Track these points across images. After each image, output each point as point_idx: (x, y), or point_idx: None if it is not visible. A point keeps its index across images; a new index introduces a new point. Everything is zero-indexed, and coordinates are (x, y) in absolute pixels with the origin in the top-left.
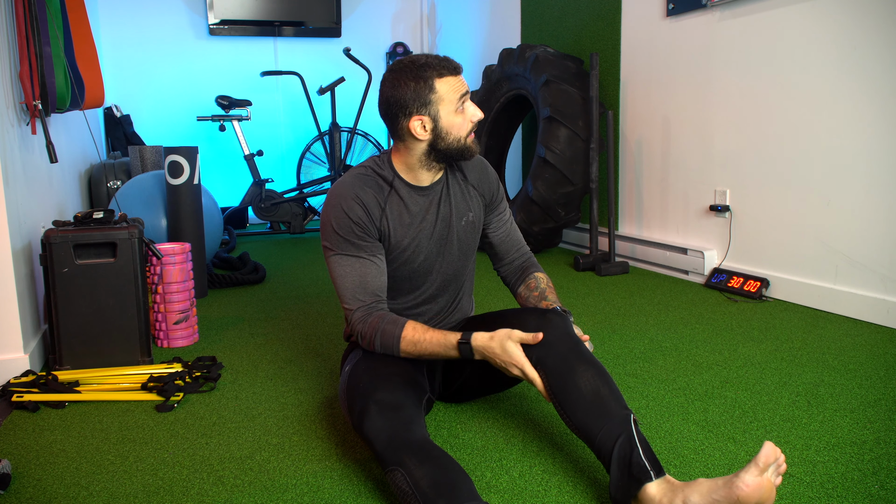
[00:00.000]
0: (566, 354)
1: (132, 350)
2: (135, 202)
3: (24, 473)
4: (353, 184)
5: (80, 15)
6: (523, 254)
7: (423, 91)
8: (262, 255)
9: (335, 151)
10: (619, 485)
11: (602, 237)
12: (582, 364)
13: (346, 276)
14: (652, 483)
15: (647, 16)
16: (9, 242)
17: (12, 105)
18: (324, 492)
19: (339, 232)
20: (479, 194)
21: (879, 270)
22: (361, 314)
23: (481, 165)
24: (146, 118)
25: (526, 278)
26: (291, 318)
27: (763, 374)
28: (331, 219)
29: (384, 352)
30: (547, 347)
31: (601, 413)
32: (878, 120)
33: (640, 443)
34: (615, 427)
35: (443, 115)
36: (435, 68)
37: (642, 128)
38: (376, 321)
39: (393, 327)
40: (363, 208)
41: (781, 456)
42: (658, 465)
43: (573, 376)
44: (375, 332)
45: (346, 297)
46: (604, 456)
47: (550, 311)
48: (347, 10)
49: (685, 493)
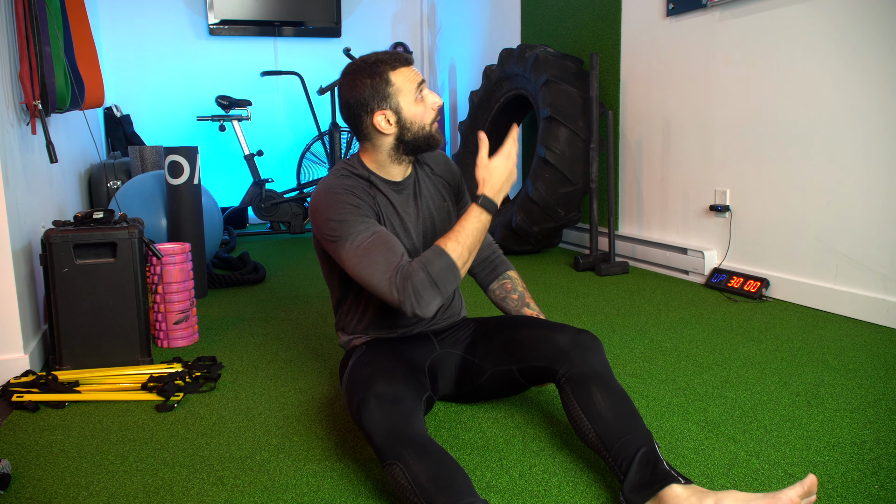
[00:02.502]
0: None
1: (132, 350)
2: (135, 202)
3: (24, 473)
4: (337, 181)
5: (80, 15)
6: (492, 249)
7: (380, 86)
8: (262, 255)
9: (335, 151)
10: (638, 484)
11: (602, 237)
12: (607, 385)
13: (368, 252)
14: (678, 485)
15: (647, 16)
16: (9, 242)
17: (12, 105)
18: (324, 492)
19: (343, 217)
20: (447, 183)
21: (879, 270)
22: (401, 276)
23: (444, 158)
24: (146, 118)
25: (499, 276)
26: (291, 318)
27: (763, 374)
28: (327, 215)
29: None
30: (577, 364)
31: (624, 425)
32: (879, 120)
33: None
34: (640, 438)
35: (404, 106)
36: (387, 62)
37: (642, 128)
38: (419, 269)
39: (429, 252)
40: (356, 195)
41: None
42: (686, 477)
43: (596, 390)
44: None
45: (378, 275)
46: (622, 460)
47: (585, 333)
48: (347, 10)
49: (718, 497)
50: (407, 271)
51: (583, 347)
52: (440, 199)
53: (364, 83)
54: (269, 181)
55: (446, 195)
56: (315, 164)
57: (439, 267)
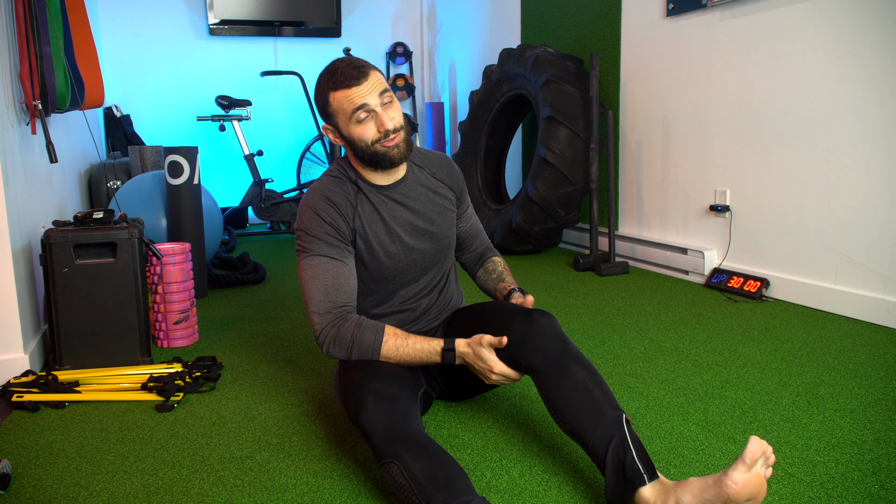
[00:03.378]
0: (556, 356)
1: (132, 350)
2: (135, 202)
3: (24, 473)
4: (323, 187)
5: (80, 15)
6: (483, 241)
7: (323, 103)
8: (262, 255)
9: (335, 151)
10: (615, 489)
11: (602, 237)
12: (572, 364)
13: (317, 276)
14: (646, 486)
15: (647, 16)
16: (9, 242)
17: (12, 105)
18: (324, 492)
19: (313, 233)
20: (449, 188)
21: (879, 270)
22: (333, 317)
23: (446, 162)
24: (146, 118)
25: (484, 262)
26: (291, 318)
27: (763, 374)
28: (303, 222)
29: (360, 355)
30: (536, 350)
31: (593, 415)
32: (879, 119)
33: (634, 444)
34: (608, 429)
35: (342, 126)
36: (333, 80)
37: (642, 128)
38: (353, 327)
39: (372, 334)
40: (335, 208)
41: (769, 448)
42: (651, 466)
43: (563, 378)
44: (353, 339)
45: (315, 301)
46: (598, 459)
47: (536, 312)
48: (347, 10)
49: (677, 493)
50: (341, 320)
51: (537, 332)
52: (438, 201)
53: (318, 93)
54: (268, 181)
55: (446, 198)
56: (315, 164)
57: (367, 342)
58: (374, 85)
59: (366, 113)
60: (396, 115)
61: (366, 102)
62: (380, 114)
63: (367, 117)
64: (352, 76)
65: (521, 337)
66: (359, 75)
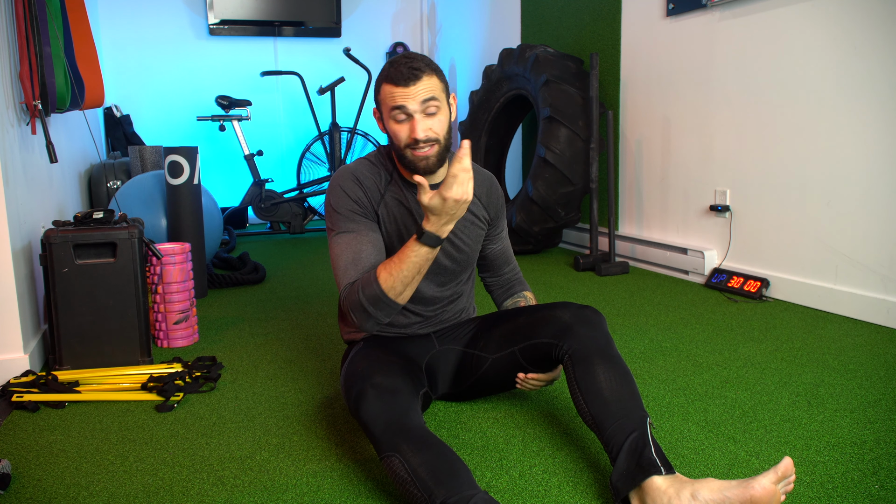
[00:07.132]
0: (600, 347)
1: (132, 350)
2: (135, 202)
3: (24, 473)
4: (357, 168)
5: (80, 15)
6: (513, 268)
7: (377, 86)
8: (262, 255)
9: (335, 151)
10: (625, 473)
11: (602, 237)
12: (612, 360)
13: (341, 254)
14: (660, 476)
15: (647, 16)
16: (9, 242)
17: (12, 105)
18: (324, 492)
19: (338, 210)
20: (484, 206)
21: (879, 270)
22: (348, 292)
23: (490, 180)
24: (146, 118)
25: (514, 295)
26: (291, 318)
27: (763, 374)
28: (331, 200)
29: (374, 304)
30: (582, 337)
31: (621, 408)
32: (879, 120)
33: (654, 443)
34: (631, 423)
35: (384, 117)
36: (387, 72)
37: (642, 128)
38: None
39: (368, 275)
40: (362, 189)
41: (794, 476)
42: (669, 464)
43: (601, 368)
44: (358, 290)
45: (339, 276)
46: (613, 445)
47: (588, 308)
48: (347, 10)
49: (694, 487)
50: (353, 289)
51: (585, 322)
52: (468, 216)
53: (378, 76)
54: (268, 181)
55: (477, 216)
56: (315, 164)
57: (370, 293)
58: (422, 91)
59: (404, 115)
60: (435, 127)
61: (405, 105)
62: (415, 120)
63: (405, 119)
64: (401, 75)
65: (572, 319)
66: (409, 76)
